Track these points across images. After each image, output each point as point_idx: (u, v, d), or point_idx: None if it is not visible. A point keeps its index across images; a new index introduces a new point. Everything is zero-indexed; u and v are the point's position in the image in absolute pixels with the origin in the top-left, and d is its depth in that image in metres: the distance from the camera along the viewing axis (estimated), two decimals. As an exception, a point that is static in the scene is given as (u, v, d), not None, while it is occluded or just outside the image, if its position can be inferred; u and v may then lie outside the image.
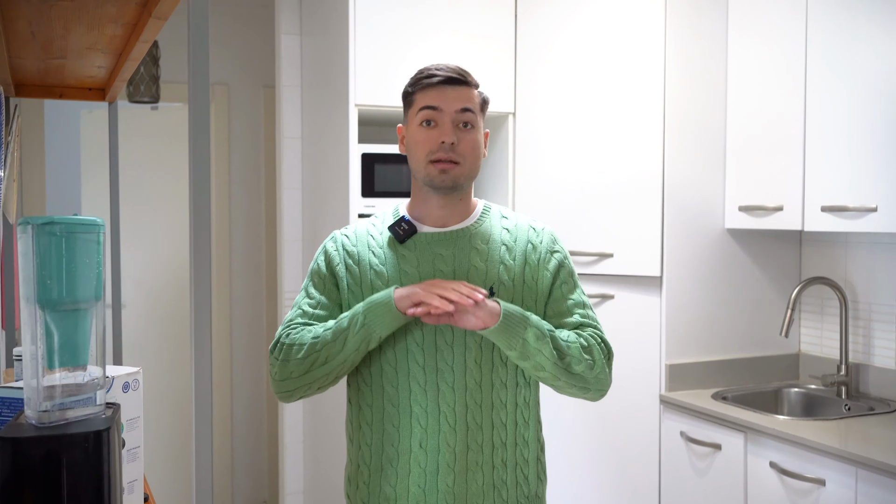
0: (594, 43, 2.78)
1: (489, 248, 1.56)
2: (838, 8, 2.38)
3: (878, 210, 2.25)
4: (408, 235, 1.55)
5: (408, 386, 1.51)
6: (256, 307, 4.16)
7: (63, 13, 1.36)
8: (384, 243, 1.57)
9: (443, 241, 1.55)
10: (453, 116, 1.53)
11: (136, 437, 1.45)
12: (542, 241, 1.59)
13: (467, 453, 1.50)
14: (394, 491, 1.52)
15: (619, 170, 2.74)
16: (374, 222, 1.63)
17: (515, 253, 1.56)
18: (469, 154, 1.53)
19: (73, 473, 1.02)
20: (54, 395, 1.09)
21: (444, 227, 1.58)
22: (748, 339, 2.82)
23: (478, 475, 1.50)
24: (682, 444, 2.60)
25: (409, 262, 1.54)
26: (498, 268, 1.54)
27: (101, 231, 1.14)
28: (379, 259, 1.56)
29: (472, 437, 1.50)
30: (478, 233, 1.57)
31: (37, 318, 1.08)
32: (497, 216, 1.62)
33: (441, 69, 1.55)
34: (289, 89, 3.27)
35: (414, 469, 1.50)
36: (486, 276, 1.53)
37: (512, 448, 1.53)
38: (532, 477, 1.56)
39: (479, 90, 1.59)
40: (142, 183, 4.03)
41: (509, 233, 1.59)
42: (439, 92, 1.53)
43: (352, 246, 1.59)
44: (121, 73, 1.83)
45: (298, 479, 3.34)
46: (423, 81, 1.55)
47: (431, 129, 1.53)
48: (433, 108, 1.53)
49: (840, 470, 2.09)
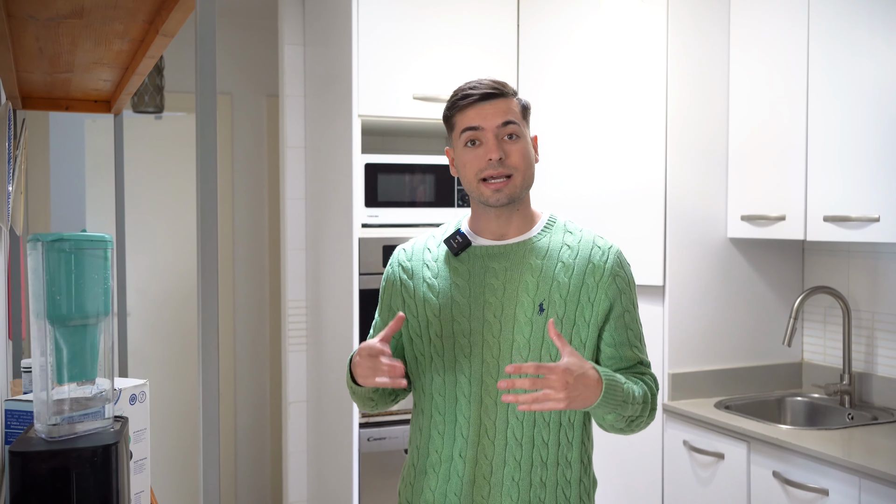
0: (596, 54, 2.79)
1: (544, 263, 1.52)
2: (840, 19, 2.39)
3: (880, 220, 2.26)
4: (462, 248, 1.55)
5: (454, 396, 1.53)
6: (260, 316, 4.17)
7: (71, 30, 1.37)
8: (440, 256, 1.58)
9: (497, 254, 1.55)
10: (496, 132, 1.50)
11: (142, 448, 1.46)
12: (606, 260, 1.53)
13: (504, 468, 1.50)
14: (433, 495, 1.55)
15: (621, 180, 2.75)
16: (434, 234, 1.64)
17: (573, 271, 1.52)
18: (520, 164, 1.51)
19: (82, 487, 1.03)
20: (63, 408, 1.10)
21: (502, 241, 1.56)
22: (751, 349, 2.82)
23: (513, 491, 1.50)
24: (685, 454, 2.60)
25: (461, 275, 1.54)
26: (550, 285, 1.50)
27: (108, 247, 1.16)
28: (432, 272, 1.57)
29: (510, 452, 1.50)
30: (535, 247, 1.54)
31: (46, 333, 1.09)
32: (561, 230, 1.58)
33: (475, 87, 1.53)
34: (292, 99, 3.29)
35: (453, 477, 1.53)
36: (535, 293, 1.50)
37: (553, 468, 1.52)
38: (574, 499, 1.54)
39: (518, 97, 1.57)
40: (145, 192, 4.05)
41: (570, 249, 1.54)
42: (478, 111, 1.51)
43: (407, 261, 1.62)
44: (127, 87, 1.84)
45: (302, 489, 3.34)
46: (459, 103, 1.53)
47: (477, 149, 1.51)
48: (475, 129, 1.51)
49: (843, 480, 2.09)
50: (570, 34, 2.84)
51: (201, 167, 1.00)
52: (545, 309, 1.49)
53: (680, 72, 2.69)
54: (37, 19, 1.30)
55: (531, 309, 1.49)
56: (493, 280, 1.52)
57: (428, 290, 1.56)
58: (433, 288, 1.55)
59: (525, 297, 1.50)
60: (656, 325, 2.71)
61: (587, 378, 1.39)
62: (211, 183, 1.02)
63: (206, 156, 0.99)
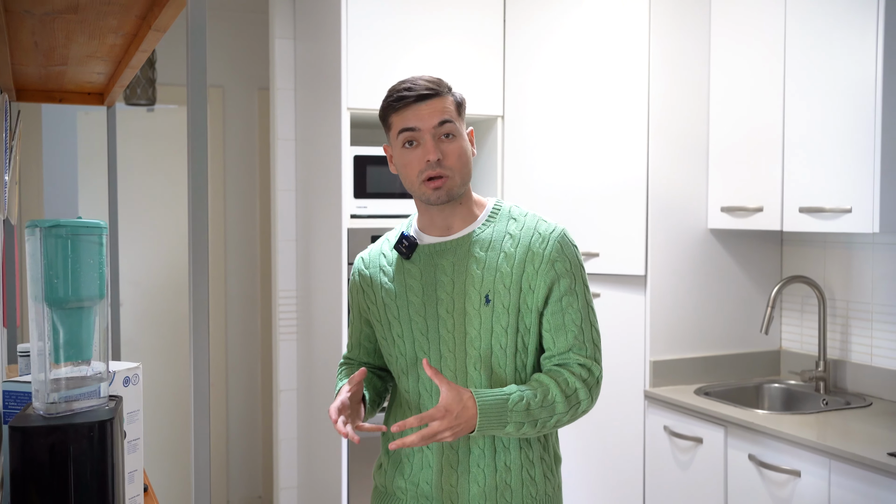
0: (581, 49, 2.85)
1: (487, 255, 1.57)
2: (815, 16, 2.46)
3: (852, 211, 2.33)
4: (411, 250, 1.61)
5: (418, 392, 1.61)
6: (251, 305, 4.22)
7: (66, 24, 1.42)
8: (394, 260, 1.64)
9: (443, 251, 1.60)
10: (433, 132, 1.53)
11: (136, 429, 1.51)
12: (546, 247, 1.56)
13: (469, 456, 1.57)
14: (405, 483, 1.63)
15: (604, 172, 2.81)
16: (389, 237, 1.70)
17: (514, 260, 1.55)
18: (456, 163, 1.55)
19: (79, 461, 1.08)
20: (60, 387, 1.16)
21: (448, 236, 1.61)
22: (730, 337, 2.89)
23: (479, 477, 1.57)
24: (665, 438, 2.68)
25: (414, 276, 1.60)
26: (494, 276, 1.55)
27: (103, 233, 1.21)
28: (388, 277, 1.64)
29: (473, 441, 1.57)
30: (479, 240, 1.59)
31: (44, 316, 1.14)
32: (505, 218, 1.62)
33: (410, 88, 1.54)
34: (283, 92, 3.33)
35: (425, 467, 1.60)
36: (481, 285, 1.55)
37: (516, 451, 1.58)
38: (538, 476, 1.60)
39: (453, 93, 1.59)
40: (136, 183, 4.09)
41: (512, 238, 1.58)
42: (413, 111, 1.53)
43: (365, 269, 1.69)
44: (120, 80, 1.89)
45: (293, 475, 3.40)
46: (394, 105, 1.55)
47: (415, 150, 1.54)
48: (411, 130, 1.53)
49: (815, 461, 2.16)
50: (554, 30, 2.89)
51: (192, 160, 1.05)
52: (491, 300, 1.54)
53: (662, 67, 2.75)
54: (33, 14, 1.34)
55: (478, 301, 1.55)
56: (442, 276, 1.58)
57: (386, 295, 1.63)
58: (390, 293, 1.62)
59: (472, 289, 1.55)
60: (638, 313, 2.77)
61: (467, 410, 1.45)
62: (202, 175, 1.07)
63: (198, 149, 1.04)
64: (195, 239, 1.03)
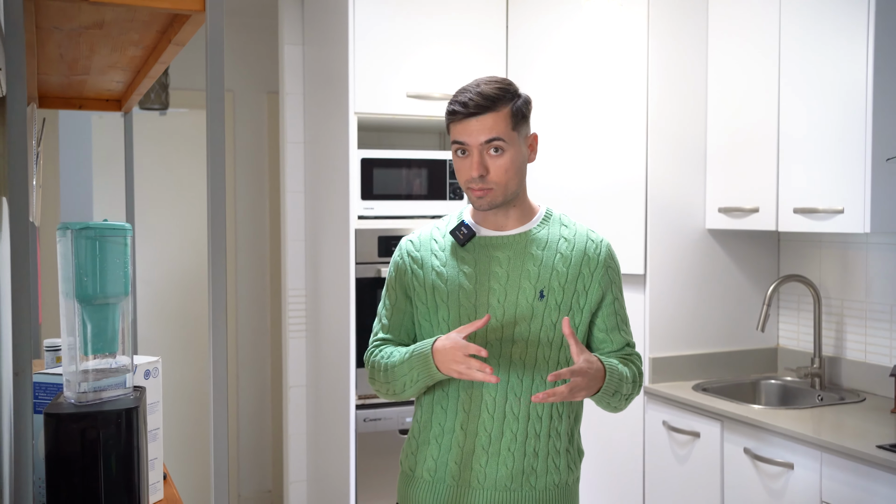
0: (580, 53, 2.93)
1: (544, 254, 1.66)
2: (810, 24, 2.53)
3: (844, 212, 2.40)
4: (467, 239, 1.69)
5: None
6: (261, 303, 4.31)
7: (90, 38, 1.51)
8: (446, 246, 1.72)
9: (500, 244, 1.69)
10: (480, 148, 1.61)
11: (156, 419, 1.60)
12: (599, 252, 1.69)
13: (501, 439, 1.65)
14: (434, 463, 1.70)
15: (604, 173, 2.89)
16: (438, 225, 1.77)
17: (571, 262, 1.66)
18: (500, 179, 1.63)
19: (108, 445, 1.18)
20: (89, 378, 1.25)
21: (503, 231, 1.70)
22: (728, 334, 2.97)
23: (508, 460, 1.65)
24: (664, 433, 2.75)
25: (468, 263, 1.68)
26: (550, 273, 1.65)
27: (128, 234, 1.30)
28: (440, 261, 1.71)
29: (507, 425, 1.65)
30: (535, 239, 1.68)
31: (75, 312, 1.23)
32: (557, 224, 1.72)
33: (465, 104, 1.60)
34: (291, 96, 3.42)
35: (454, 447, 1.67)
36: (537, 280, 1.64)
37: (546, 439, 1.66)
38: (563, 466, 1.69)
39: (514, 101, 1.64)
40: (148, 186, 4.19)
41: (567, 241, 1.69)
42: (464, 126, 1.61)
43: (416, 251, 1.75)
44: (138, 89, 1.98)
45: (302, 469, 3.49)
46: (449, 116, 1.64)
47: (465, 159, 1.63)
48: (461, 143, 1.63)
49: (807, 454, 2.24)
50: (555, 34, 2.97)
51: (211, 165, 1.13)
52: (545, 295, 1.64)
53: (660, 70, 2.83)
54: (61, 30, 1.43)
55: (532, 295, 1.64)
56: (497, 268, 1.67)
57: (437, 278, 1.69)
58: (442, 276, 1.69)
59: (527, 283, 1.64)
60: (638, 311, 2.85)
61: (599, 371, 1.59)
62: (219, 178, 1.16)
63: (215, 157, 1.13)
64: (213, 242, 1.11)
